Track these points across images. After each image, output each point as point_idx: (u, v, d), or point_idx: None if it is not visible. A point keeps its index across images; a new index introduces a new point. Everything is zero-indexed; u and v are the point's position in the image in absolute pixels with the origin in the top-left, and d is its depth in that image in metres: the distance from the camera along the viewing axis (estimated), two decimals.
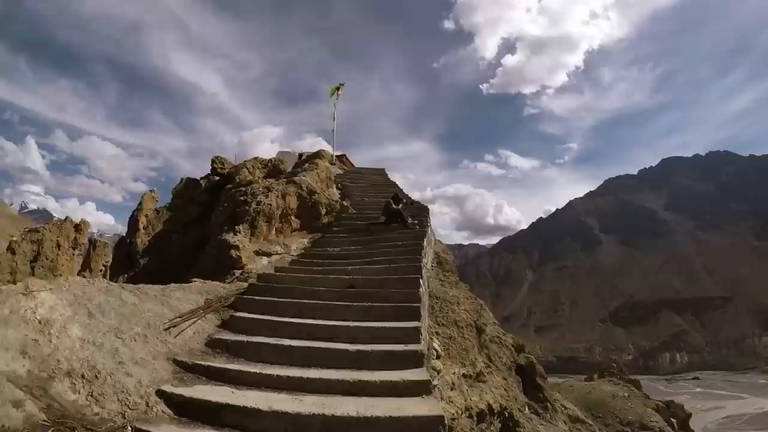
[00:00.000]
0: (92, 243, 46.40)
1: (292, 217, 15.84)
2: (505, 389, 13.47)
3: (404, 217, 14.14)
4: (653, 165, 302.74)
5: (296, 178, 17.09)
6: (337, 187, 19.16)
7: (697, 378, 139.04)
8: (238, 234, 13.91)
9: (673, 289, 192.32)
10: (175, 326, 6.85)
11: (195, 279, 9.82)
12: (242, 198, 16.14)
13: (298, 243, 14.73)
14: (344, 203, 17.11)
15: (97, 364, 5.22)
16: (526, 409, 15.73)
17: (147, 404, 5.05)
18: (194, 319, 7.23)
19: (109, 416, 4.69)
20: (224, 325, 7.41)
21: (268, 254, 13.82)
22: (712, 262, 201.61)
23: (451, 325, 11.17)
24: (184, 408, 5.09)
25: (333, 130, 26.74)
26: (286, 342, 6.44)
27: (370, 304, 7.58)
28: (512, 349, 18.72)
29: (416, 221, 14.43)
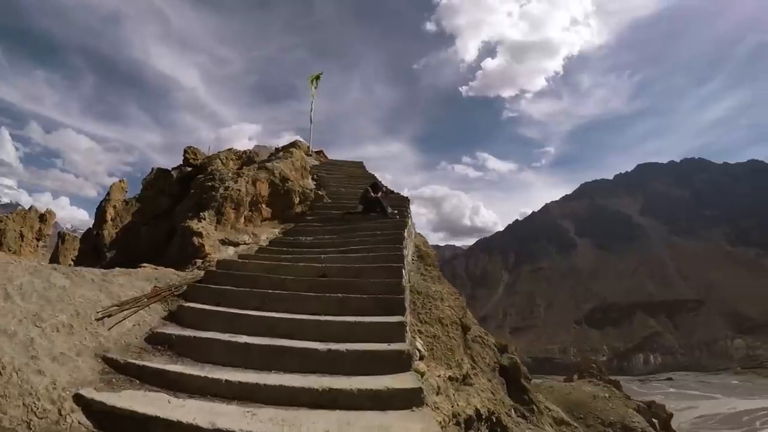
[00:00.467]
0: (61, 237, 44.61)
1: (263, 206, 14.65)
2: (491, 392, 12.51)
3: (383, 206, 13.05)
4: (629, 170, 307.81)
5: (269, 164, 15.94)
6: (313, 178, 18.00)
7: (670, 379, 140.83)
8: (203, 221, 12.72)
9: (647, 292, 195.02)
10: (110, 316, 5.72)
11: (144, 264, 8.61)
12: (210, 184, 14.95)
13: (268, 233, 13.54)
14: (319, 192, 15.97)
15: (4, 358, 4.19)
16: (513, 412, 14.86)
17: (60, 412, 3.98)
18: (135, 309, 6.07)
19: (11, 425, 3.69)
20: (171, 316, 6.23)
21: (236, 244, 12.63)
22: (686, 267, 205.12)
23: (434, 322, 10.12)
24: (105, 419, 4.01)
25: (310, 118, 25.66)
26: (243, 339, 5.29)
27: (345, 295, 6.46)
28: (495, 349, 17.84)
29: (396, 211, 13.35)
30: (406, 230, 11.62)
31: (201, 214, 13.06)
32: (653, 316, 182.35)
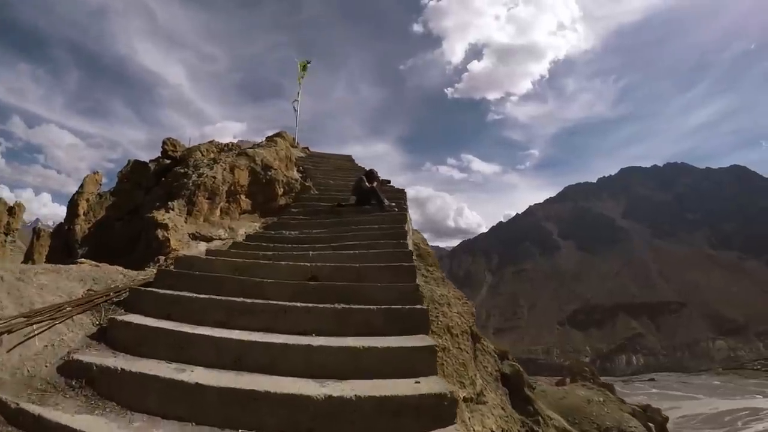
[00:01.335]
0: (36, 232, 42.35)
1: (242, 196, 12.88)
2: (502, 408, 10.92)
3: (380, 198, 11.38)
4: (612, 174, 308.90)
5: (249, 150, 14.20)
6: (298, 170, 16.20)
7: (652, 379, 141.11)
8: (171, 211, 10.98)
9: (629, 294, 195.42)
10: (11, 332, 3.97)
11: (82, 260, 6.82)
12: (182, 171, 13.19)
13: (247, 227, 11.78)
14: (306, 183, 14.24)
15: None
16: (522, 427, 13.32)
17: None
18: (50, 322, 4.32)
19: None
20: (101, 334, 4.42)
21: (208, 239, 10.87)
22: (668, 269, 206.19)
23: (443, 332, 8.41)
24: None
25: (295, 108, 23.81)
26: (195, 375, 3.52)
27: (344, 306, 4.70)
28: (495, 356, 16.31)
29: (393, 203, 11.68)
30: (407, 224, 9.99)
31: (169, 203, 11.29)
32: (636, 318, 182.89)
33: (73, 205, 23.40)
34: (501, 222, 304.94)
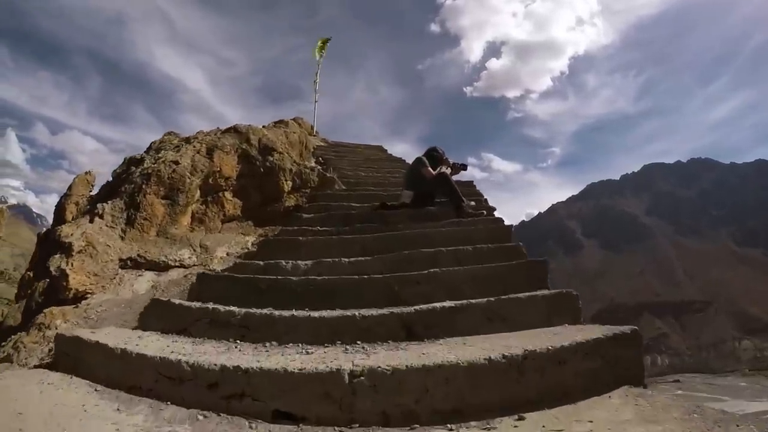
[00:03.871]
0: (39, 239, 39.02)
1: (227, 194, 8.07)
2: None
3: (456, 192, 6.63)
4: (635, 171, 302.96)
5: (242, 126, 9.46)
6: (317, 162, 11.28)
7: (677, 381, 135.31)
8: (97, 218, 6.34)
9: (653, 293, 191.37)
10: None
11: None
12: (138, 156, 8.63)
13: (231, 244, 7.18)
14: (327, 174, 9.44)
15: None
16: None
17: None
18: None
19: None
20: None
21: (161, 266, 6.27)
22: (692, 267, 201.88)
23: None
24: None
25: (315, 90, 19.37)
26: None
27: None
28: None
29: (473, 202, 6.92)
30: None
31: (98, 206, 6.69)
32: (660, 317, 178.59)
33: (59, 210, 19.38)
34: (523, 221, 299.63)
